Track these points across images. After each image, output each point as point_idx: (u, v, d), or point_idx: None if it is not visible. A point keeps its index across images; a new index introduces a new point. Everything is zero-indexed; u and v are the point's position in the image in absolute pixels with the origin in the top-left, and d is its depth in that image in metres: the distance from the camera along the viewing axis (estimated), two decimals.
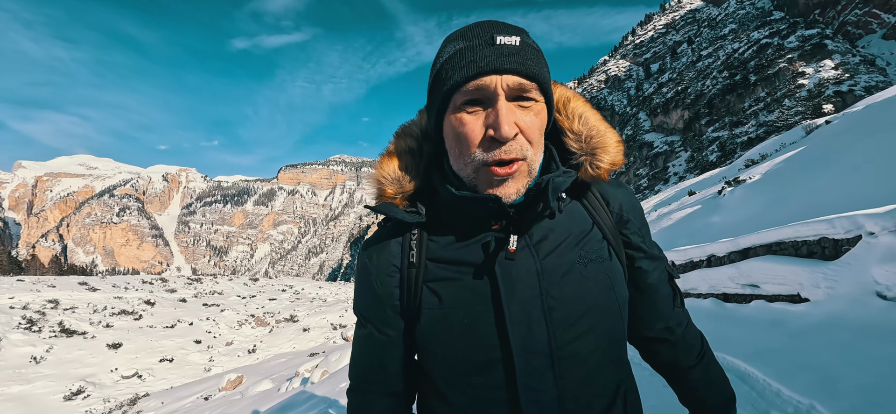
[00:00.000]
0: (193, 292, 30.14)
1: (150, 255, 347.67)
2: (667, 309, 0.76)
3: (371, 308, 0.73)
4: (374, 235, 0.75)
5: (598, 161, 0.66)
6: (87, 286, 25.71)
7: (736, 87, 44.69)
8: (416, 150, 0.70)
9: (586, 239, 0.66)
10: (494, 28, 0.57)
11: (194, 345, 20.52)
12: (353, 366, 0.78)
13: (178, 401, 12.62)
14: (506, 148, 0.56)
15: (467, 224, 0.65)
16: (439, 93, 0.59)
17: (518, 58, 0.55)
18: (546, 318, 0.60)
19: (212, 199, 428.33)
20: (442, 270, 0.66)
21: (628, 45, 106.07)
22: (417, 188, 0.70)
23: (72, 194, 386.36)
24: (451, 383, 0.66)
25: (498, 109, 0.55)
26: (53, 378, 15.12)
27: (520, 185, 0.59)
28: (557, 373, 0.60)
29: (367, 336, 0.73)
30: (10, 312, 18.93)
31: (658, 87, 64.38)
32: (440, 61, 0.60)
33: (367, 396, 0.74)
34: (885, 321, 2.23)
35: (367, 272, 0.72)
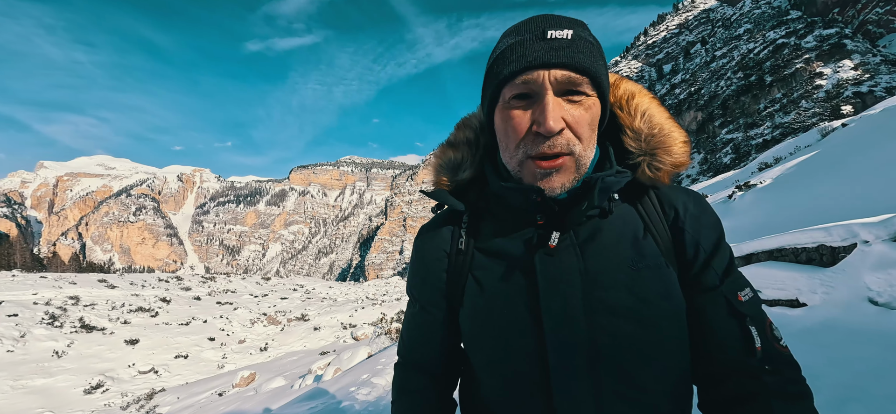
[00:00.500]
0: (207, 291, 30.76)
1: (164, 253, 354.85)
2: (726, 348, 0.61)
3: (420, 289, 0.76)
4: (429, 221, 0.79)
5: (658, 162, 0.63)
6: (106, 284, 26.45)
7: (751, 88, 43.92)
8: (474, 141, 0.72)
9: (639, 244, 0.62)
10: (547, 22, 0.56)
11: (208, 342, 20.95)
12: (401, 341, 0.81)
13: (193, 396, 12.93)
14: (550, 142, 0.55)
15: (514, 217, 0.66)
16: (490, 86, 0.61)
17: (568, 52, 0.54)
18: (587, 317, 0.58)
19: (225, 199, 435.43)
20: (487, 260, 0.67)
21: (640, 45, 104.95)
22: (472, 178, 0.72)
23: (91, 194, 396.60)
24: (489, 372, 0.66)
25: (544, 104, 0.54)
26: (74, 372, 15.59)
27: (565, 179, 0.58)
28: (597, 375, 0.58)
29: (416, 315, 0.77)
30: (33, 308, 19.58)
31: (671, 89, 63.58)
32: (494, 56, 0.61)
33: (410, 372, 0.77)
34: (872, 325, 2.34)
35: (419, 254, 0.76)
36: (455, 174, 0.72)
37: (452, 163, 0.72)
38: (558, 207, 0.61)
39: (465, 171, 0.72)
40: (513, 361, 0.62)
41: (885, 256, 2.48)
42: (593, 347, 0.58)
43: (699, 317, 0.63)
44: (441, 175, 0.73)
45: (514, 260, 0.64)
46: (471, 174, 0.72)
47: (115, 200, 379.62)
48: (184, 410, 11.41)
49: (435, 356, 0.76)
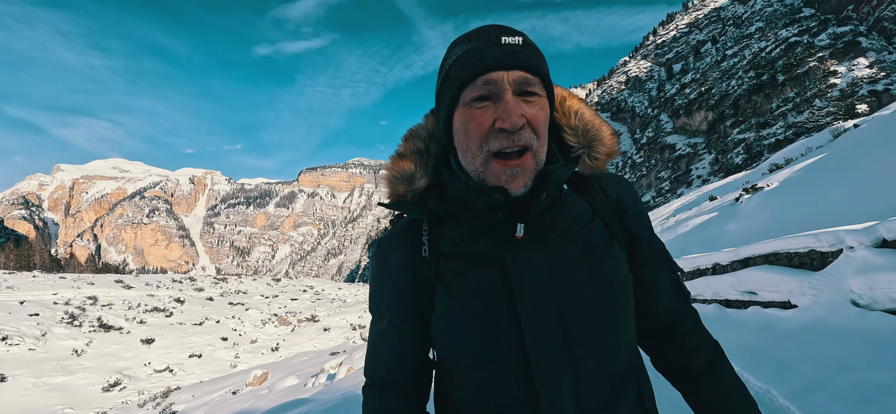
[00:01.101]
0: (220, 291, 31.27)
1: (177, 254, 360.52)
2: (669, 301, 0.75)
3: (386, 303, 0.76)
4: (387, 232, 0.79)
5: (596, 152, 0.71)
6: (122, 284, 27.07)
7: (763, 88, 43.33)
8: (424, 150, 0.75)
9: (589, 226, 0.69)
10: (499, 30, 0.62)
11: (221, 342, 21.33)
12: (368, 362, 0.79)
13: (208, 394, 13.23)
14: (513, 137, 0.59)
15: (476, 217, 0.68)
16: (449, 91, 0.64)
17: (522, 55, 0.60)
18: (557, 302, 0.63)
19: (235, 201, 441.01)
20: (453, 264, 0.69)
21: (649, 45, 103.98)
22: (427, 186, 0.74)
23: (105, 196, 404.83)
24: (466, 371, 0.68)
25: (506, 101, 0.58)
26: (93, 370, 16.04)
27: (527, 178, 0.62)
28: (571, 354, 0.62)
29: (384, 332, 0.76)
30: (53, 308, 20.14)
31: (680, 88, 62.94)
32: (448, 63, 0.65)
33: (382, 393, 0.75)
34: (852, 325, 2.52)
35: (381, 268, 0.76)
36: (411, 184, 0.73)
37: (405, 174, 0.73)
38: (515, 201, 0.64)
39: (420, 179, 0.73)
40: (493, 356, 0.64)
41: (867, 262, 2.63)
42: (565, 327, 0.62)
43: (649, 280, 0.75)
44: (397, 186, 0.74)
45: (481, 258, 0.66)
46: (426, 182, 0.73)
47: (129, 202, 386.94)
48: (199, 408, 11.69)
49: (407, 373, 0.75)
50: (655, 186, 61.21)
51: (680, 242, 7.47)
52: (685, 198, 19.44)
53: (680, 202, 17.71)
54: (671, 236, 8.48)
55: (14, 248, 47.35)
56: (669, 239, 8.36)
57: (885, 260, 2.52)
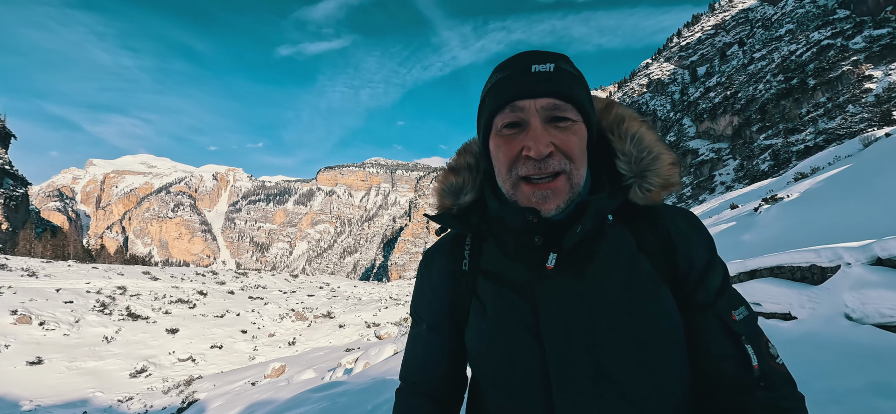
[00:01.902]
0: (240, 285, 32.18)
1: (199, 248, 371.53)
2: (721, 367, 0.62)
3: (426, 309, 0.77)
4: (434, 244, 0.82)
5: (648, 183, 0.66)
6: (149, 276, 28.20)
7: (792, 92, 41.85)
8: (474, 165, 0.76)
9: (633, 263, 0.64)
10: (531, 58, 0.63)
11: (241, 334, 21.98)
12: (404, 365, 0.80)
13: (228, 384, 13.69)
14: (540, 165, 0.59)
15: (514, 239, 0.67)
16: (484, 117, 0.66)
17: (551, 83, 0.60)
18: (588, 338, 0.60)
19: (256, 197, 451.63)
20: (489, 283, 0.69)
21: (673, 47, 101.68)
22: (473, 201, 0.75)
23: (134, 190, 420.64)
24: (495, 391, 0.68)
25: (533, 129, 0.59)
26: (121, 357, 16.78)
27: (560, 200, 0.61)
28: (600, 395, 0.59)
29: (422, 335, 0.77)
30: (86, 296, 21.15)
31: (705, 92, 61.34)
32: (486, 90, 0.66)
33: (416, 398, 0.76)
34: (842, 336, 2.65)
35: (425, 276, 0.79)
36: (457, 198, 0.75)
37: (454, 187, 0.75)
38: (555, 228, 0.64)
39: (467, 194, 0.74)
40: (517, 382, 0.64)
41: (861, 278, 2.74)
42: (595, 365, 0.59)
43: (695, 335, 0.64)
44: (444, 199, 0.75)
45: (514, 282, 0.66)
46: (472, 198, 0.74)
47: (156, 197, 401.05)
48: (220, 397, 12.12)
49: (440, 379, 0.76)
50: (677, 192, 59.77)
51: None
52: (707, 204, 19.03)
53: (701, 209, 17.34)
54: None
55: (51, 238, 49.91)
56: None
57: (877, 277, 2.66)
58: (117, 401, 13.47)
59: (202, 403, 11.37)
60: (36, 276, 22.27)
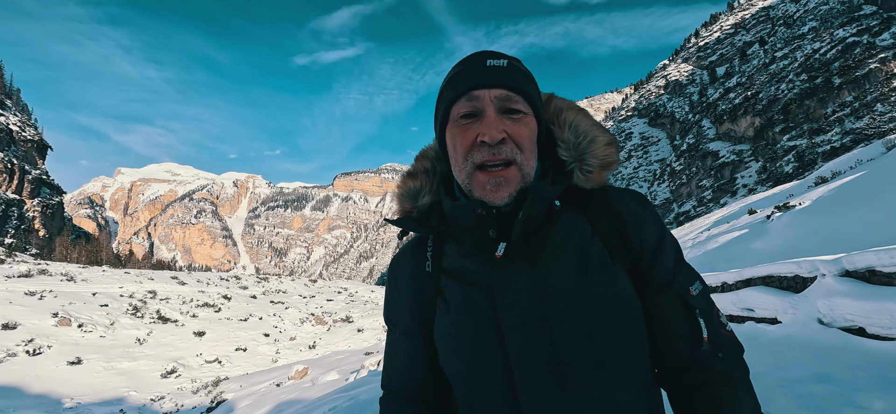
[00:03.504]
0: (262, 290, 33.12)
1: (220, 253, 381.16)
2: (681, 341, 0.65)
3: (397, 315, 0.79)
4: (400, 250, 0.84)
5: (587, 166, 0.68)
6: (177, 280, 29.35)
7: (816, 91, 40.67)
8: (431, 169, 0.78)
9: (586, 247, 0.65)
10: (485, 55, 0.67)
11: (263, 337, 22.68)
12: (384, 373, 0.80)
13: (254, 386, 14.23)
14: (494, 150, 0.62)
15: (468, 234, 0.69)
16: (441, 108, 0.69)
17: (504, 76, 0.64)
18: (545, 326, 0.61)
19: (274, 203, 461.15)
20: (450, 281, 0.71)
21: (691, 47, 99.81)
22: (432, 203, 0.77)
23: (159, 198, 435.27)
24: (459, 386, 0.69)
25: (487, 117, 0.62)
26: (153, 358, 17.58)
27: (512, 188, 0.63)
28: (561, 383, 0.59)
29: (397, 341, 0.78)
30: (120, 300, 22.22)
31: (725, 93, 60.02)
32: (443, 84, 0.69)
33: (398, 403, 0.76)
34: (812, 337, 3.01)
35: (392, 281, 0.81)
36: (416, 201, 0.76)
37: (412, 191, 0.77)
38: (507, 219, 0.65)
39: (425, 197, 0.76)
40: (481, 376, 0.64)
41: (831, 288, 3.07)
42: (553, 353, 0.60)
43: (654, 313, 0.66)
44: (404, 203, 0.77)
45: (472, 276, 0.67)
46: (430, 200, 0.76)
47: (180, 204, 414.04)
48: (246, 397, 12.65)
49: (422, 383, 0.75)
50: (696, 195, 58.55)
51: (708, 258, 7.55)
52: (728, 208, 18.74)
53: (721, 213, 17.12)
54: (700, 252, 8.42)
55: (85, 244, 52.40)
56: (698, 254, 8.30)
57: (844, 287, 2.98)
58: (150, 400, 14.15)
59: (230, 403, 11.91)
60: (74, 280, 23.53)
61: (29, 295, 19.21)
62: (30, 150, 63.35)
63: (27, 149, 62.79)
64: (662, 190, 70.79)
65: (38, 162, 65.05)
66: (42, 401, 12.74)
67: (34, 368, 14.42)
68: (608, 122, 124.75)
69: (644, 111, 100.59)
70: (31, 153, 63.69)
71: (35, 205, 60.11)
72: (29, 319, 16.91)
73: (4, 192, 54.36)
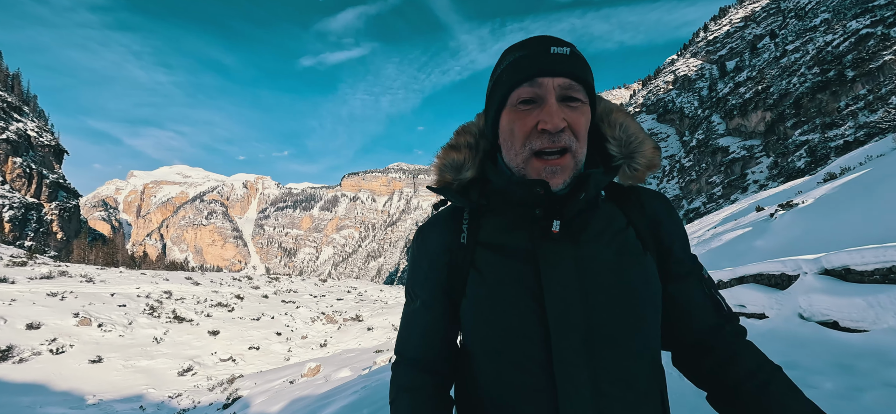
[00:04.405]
0: (273, 290, 33.68)
1: (231, 254, 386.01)
2: (703, 316, 0.73)
3: (422, 285, 0.79)
4: (429, 219, 0.83)
5: (636, 164, 0.73)
6: (191, 281, 30.01)
7: (829, 85, 40.01)
8: (474, 144, 0.79)
9: (623, 234, 0.71)
10: (549, 41, 0.66)
11: (276, 336, 23.12)
12: (399, 340, 0.82)
13: (268, 383, 14.58)
14: (554, 138, 0.63)
15: (515, 211, 0.71)
16: (499, 92, 0.69)
17: (568, 64, 0.64)
18: (583, 300, 0.64)
19: (283, 204, 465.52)
20: (489, 253, 0.72)
21: (700, 41, 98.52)
22: (473, 178, 0.78)
23: (170, 199, 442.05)
24: (489, 355, 0.70)
25: (549, 105, 0.63)
26: (170, 356, 18.07)
27: (566, 175, 0.66)
28: (591, 352, 0.63)
29: (417, 311, 0.79)
30: (137, 300, 22.82)
31: (735, 87, 59.27)
32: (501, 67, 0.70)
33: (411, 369, 0.77)
34: (792, 330, 3.24)
35: (421, 250, 0.80)
36: (458, 173, 0.78)
37: (455, 163, 0.78)
38: (554, 201, 0.68)
39: (468, 170, 0.77)
40: (516, 343, 0.66)
41: (811, 285, 3.31)
42: (587, 324, 0.64)
43: (680, 297, 0.74)
44: (445, 174, 0.78)
45: (515, 250, 0.69)
46: (472, 174, 0.77)
47: (191, 205, 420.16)
48: (261, 394, 12.99)
49: (435, 353, 0.78)
50: (706, 192, 57.95)
51: (711, 257, 7.65)
52: (737, 205, 18.63)
53: (730, 210, 17.02)
54: (705, 250, 8.49)
55: (102, 246, 53.71)
56: (703, 252, 8.36)
57: (822, 284, 3.23)
58: (168, 397, 14.57)
59: (246, 400, 12.25)
60: (93, 281, 24.21)
61: (51, 296, 19.85)
62: (47, 155, 64.98)
63: (44, 154, 64.41)
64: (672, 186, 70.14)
65: (54, 166, 66.69)
66: (67, 397, 13.22)
67: (58, 366, 14.95)
68: None
69: (652, 107, 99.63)
70: (48, 158, 65.33)
71: (53, 208, 61.69)
72: (51, 319, 17.50)
73: (24, 196, 55.88)
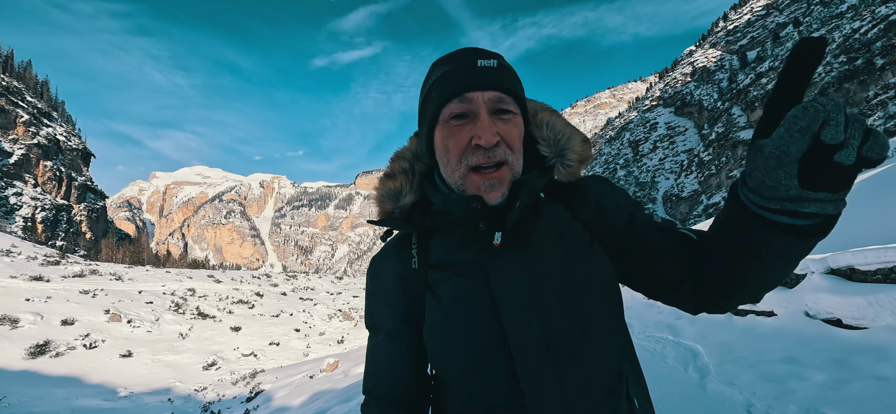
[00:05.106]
0: (291, 287, 34.44)
1: (249, 252, 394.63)
2: (678, 253, 0.68)
3: (381, 317, 0.78)
4: (379, 251, 0.82)
5: (567, 160, 0.73)
6: (213, 279, 30.95)
7: (857, 73, 38.51)
8: (409, 169, 0.78)
9: (568, 232, 0.70)
10: (475, 54, 0.66)
11: (294, 333, 23.68)
12: (367, 378, 0.79)
13: (288, 377, 15.00)
14: (489, 153, 0.63)
15: (459, 228, 0.70)
16: (430, 109, 0.67)
17: (496, 77, 0.64)
18: (538, 306, 0.64)
19: (299, 203, 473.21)
20: (441, 274, 0.71)
21: (719, 31, 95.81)
22: (414, 202, 0.77)
23: (191, 200, 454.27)
24: (456, 378, 0.68)
25: (481, 120, 0.62)
26: (195, 351, 18.71)
27: (504, 188, 0.65)
28: (555, 358, 0.62)
29: (380, 344, 0.77)
30: (163, 298, 23.69)
31: (756, 78, 57.54)
32: (429, 83, 0.68)
33: (381, 409, 0.75)
34: (797, 327, 3.36)
35: (374, 283, 0.79)
36: (397, 201, 0.76)
37: (393, 191, 0.77)
38: (495, 212, 0.67)
39: (407, 196, 0.76)
40: (480, 362, 0.65)
41: (817, 284, 3.45)
42: (547, 329, 0.63)
43: (646, 255, 0.69)
44: (385, 204, 0.77)
45: (465, 267, 0.69)
46: (412, 198, 0.76)
47: (210, 205, 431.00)
48: (282, 388, 13.40)
49: (407, 386, 0.75)
50: (726, 186, 56.49)
51: None
52: None
53: None
54: None
55: (128, 245, 55.86)
56: None
57: (827, 283, 3.35)
58: (194, 390, 15.12)
59: (268, 394, 12.66)
60: (122, 280, 25.23)
61: (83, 293, 20.79)
62: (75, 159, 67.68)
63: (73, 157, 67.10)
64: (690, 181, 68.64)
65: (82, 169, 69.44)
66: (100, 390, 13.87)
67: (91, 360, 15.68)
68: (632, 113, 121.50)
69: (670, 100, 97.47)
70: (76, 161, 68.03)
71: (81, 209, 64.28)
72: (84, 316, 18.35)
73: (54, 198, 58.37)
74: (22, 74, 68.02)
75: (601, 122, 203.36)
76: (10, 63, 66.27)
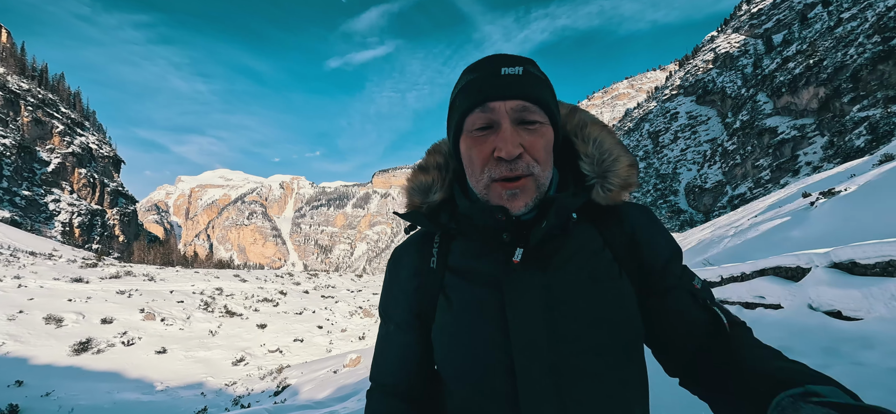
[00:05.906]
0: (313, 286, 35.31)
1: (271, 252, 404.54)
2: (697, 330, 0.66)
3: (394, 308, 0.78)
4: (402, 243, 0.82)
5: (609, 184, 0.68)
6: (239, 278, 32.06)
7: (892, 54, 36.60)
8: (444, 165, 0.76)
9: (596, 258, 0.67)
10: (501, 61, 0.64)
11: (317, 329, 24.34)
12: (374, 366, 0.79)
13: (313, 372, 15.51)
14: (511, 166, 0.61)
15: (482, 237, 0.69)
16: (454, 118, 0.67)
17: (520, 86, 0.62)
18: (550, 331, 0.62)
19: (318, 203, 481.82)
20: (456, 279, 0.70)
21: (743, 15, 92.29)
22: (443, 200, 0.75)
23: (215, 202, 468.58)
24: (457, 382, 0.68)
25: (502, 131, 0.61)
26: (224, 348, 19.50)
27: (527, 198, 0.63)
28: (559, 384, 0.61)
29: (390, 335, 0.77)
30: (193, 297, 24.71)
31: (783, 63, 55.28)
32: (456, 91, 0.68)
33: (386, 398, 0.75)
34: (800, 319, 3.44)
35: (392, 273, 0.79)
36: (426, 196, 0.75)
37: (423, 186, 0.76)
38: (522, 226, 0.66)
39: (436, 193, 0.75)
40: (482, 374, 0.64)
41: (821, 278, 3.51)
42: (555, 356, 0.61)
43: (669, 312, 0.67)
44: (414, 198, 0.76)
45: (481, 277, 0.67)
46: (441, 196, 0.75)
47: (233, 207, 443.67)
48: (308, 382, 13.88)
49: (410, 379, 0.75)
50: (752, 176, 54.71)
51: (745, 247, 7.55)
52: (786, 190, 17.56)
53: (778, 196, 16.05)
54: (740, 240, 8.24)
55: (159, 247, 58.40)
56: (738, 244, 8.19)
57: (830, 277, 3.44)
58: (224, 384, 15.79)
59: (295, 388, 13.16)
60: (154, 280, 26.45)
61: (120, 294, 21.92)
62: (107, 165, 70.90)
63: (105, 164, 70.31)
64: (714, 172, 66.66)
65: (114, 175, 72.71)
66: (138, 384, 14.66)
67: (129, 357, 16.56)
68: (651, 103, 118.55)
69: (691, 88, 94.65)
70: (108, 167, 71.27)
71: (114, 214, 67.37)
72: (122, 315, 19.36)
73: (89, 204, 61.38)
74: (56, 87, 71.65)
75: (619, 113, 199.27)
76: (45, 76, 69.85)
